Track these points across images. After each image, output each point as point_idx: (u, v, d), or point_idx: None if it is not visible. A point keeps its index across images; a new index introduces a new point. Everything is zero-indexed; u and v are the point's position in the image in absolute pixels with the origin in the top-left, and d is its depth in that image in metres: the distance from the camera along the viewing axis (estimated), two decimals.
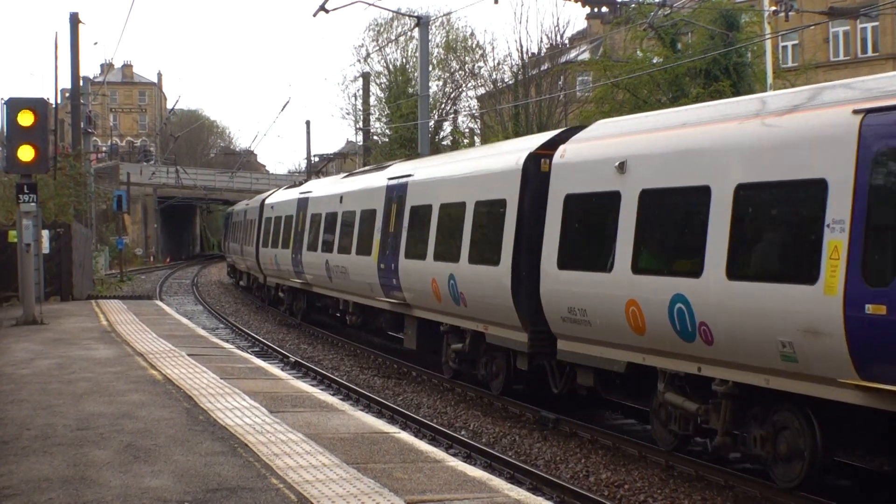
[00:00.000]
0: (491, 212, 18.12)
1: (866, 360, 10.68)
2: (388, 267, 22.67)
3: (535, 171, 16.78)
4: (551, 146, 16.74)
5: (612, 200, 14.52)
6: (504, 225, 17.25)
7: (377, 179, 25.36)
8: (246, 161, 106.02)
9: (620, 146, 14.87)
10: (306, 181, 44.35)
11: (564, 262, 15.59)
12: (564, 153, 16.13)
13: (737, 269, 12.16)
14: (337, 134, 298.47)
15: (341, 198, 27.78)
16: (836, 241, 10.99)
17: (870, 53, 51.25)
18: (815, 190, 11.24)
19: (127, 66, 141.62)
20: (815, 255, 11.13)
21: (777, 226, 12.25)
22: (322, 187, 31.91)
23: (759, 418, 12.56)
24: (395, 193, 23.09)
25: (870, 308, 10.42)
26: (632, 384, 15.50)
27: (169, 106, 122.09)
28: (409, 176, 22.78)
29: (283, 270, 34.46)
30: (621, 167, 14.38)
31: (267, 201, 40.26)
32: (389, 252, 22.73)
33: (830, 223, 11.01)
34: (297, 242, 31.91)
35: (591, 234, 15.60)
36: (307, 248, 30.50)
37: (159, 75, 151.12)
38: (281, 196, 38.57)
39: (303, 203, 32.40)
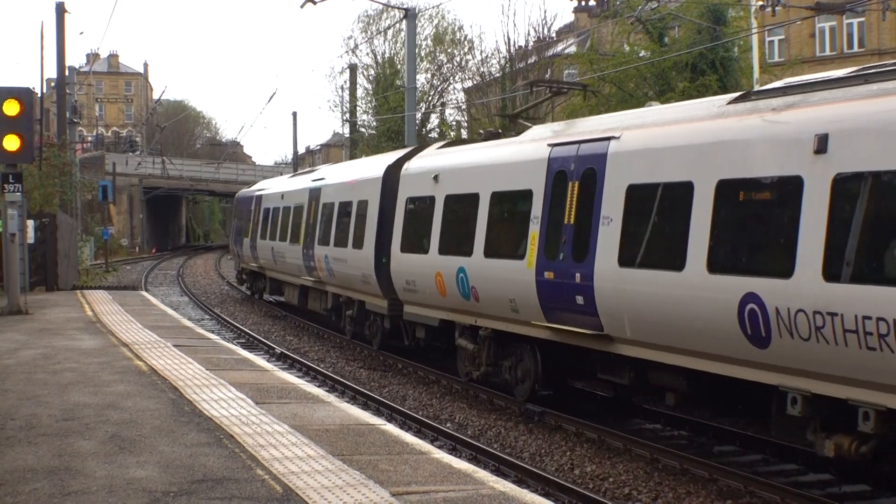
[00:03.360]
0: None
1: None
2: None
3: None
4: None
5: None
6: None
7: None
8: (232, 152, 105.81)
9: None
10: (295, 171, 41.47)
11: None
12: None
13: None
14: (324, 126, 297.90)
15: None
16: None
17: (856, 49, 51.35)
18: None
19: (113, 56, 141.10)
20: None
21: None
22: (651, 131, 14.27)
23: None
24: None
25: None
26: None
27: (155, 96, 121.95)
28: None
29: (486, 300, 17.71)
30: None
31: (413, 167, 21.61)
32: None
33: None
34: (575, 247, 15.19)
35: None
36: (630, 261, 14.00)
37: (145, 65, 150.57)
38: (458, 156, 20.17)
39: (580, 161, 15.43)
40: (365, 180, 24.80)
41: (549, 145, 16.38)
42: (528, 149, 17.20)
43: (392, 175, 22.77)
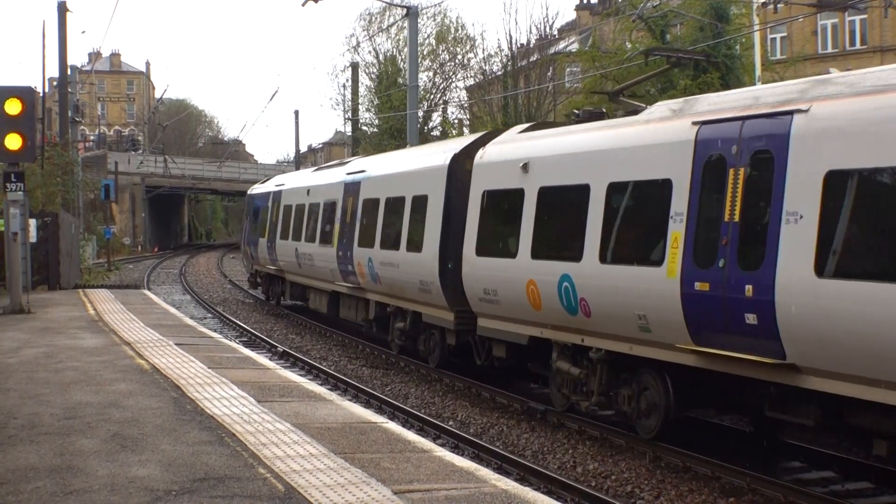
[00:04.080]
0: None
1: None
2: None
3: None
4: None
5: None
6: None
7: None
8: (234, 151, 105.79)
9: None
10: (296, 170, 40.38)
11: None
12: None
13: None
14: (326, 124, 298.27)
15: None
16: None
17: (857, 46, 51.33)
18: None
19: (115, 55, 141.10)
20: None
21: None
22: None
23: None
24: None
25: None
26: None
27: (157, 95, 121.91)
28: None
29: (602, 316, 14.60)
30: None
31: (491, 155, 18.32)
32: None
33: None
34: (742, 252, 12.61)
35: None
36: (835, 270, 11.35)
37: (147, 64, 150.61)
38: (556, 141, 16.53)
39: (746, 143, 12.66)
40: (423, 171, 21.25)
41: (694, 123, 12.96)
42: (662, 129, 13.70)
43: (459, 165, 19.56)
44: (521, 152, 17.02)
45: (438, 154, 20.94)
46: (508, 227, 17.05)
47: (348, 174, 26.57)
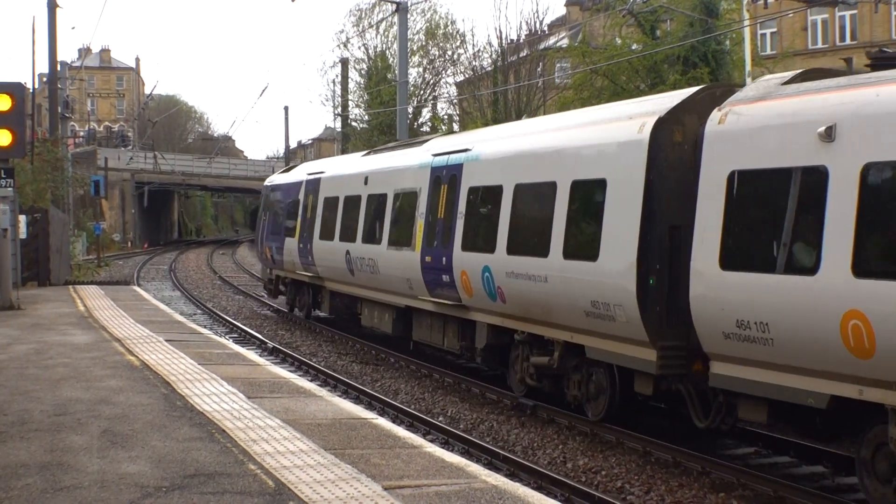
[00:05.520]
0: None
1: None
2: None
3: None
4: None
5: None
6: None
7: None
8: (224, 147, 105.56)
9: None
10: (287, 166, 39.65)
11: None
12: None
13: None
14: (315, 120, 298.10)
15: None
16: None
17: (848, 41, 51.45)
18: None
19: (105, 51, 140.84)
20: None
21: None
22: None
23: None
24: None
25: None
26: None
27: (147, 91, 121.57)
28: None
29: None
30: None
31: (749, 117, 12.04)
32: None
33: None
34: None
35: None
36: None
37: (137, 60, 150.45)
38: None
39: None
40: (595, 148, 14.96)
41: None
42: None
43: (665, 135, 13.58)
44: (812, 110, 10.97)
45: (621, 122, 14.54)
46: (792, 225, 11.22)
47: (436, 155, 20.53)
